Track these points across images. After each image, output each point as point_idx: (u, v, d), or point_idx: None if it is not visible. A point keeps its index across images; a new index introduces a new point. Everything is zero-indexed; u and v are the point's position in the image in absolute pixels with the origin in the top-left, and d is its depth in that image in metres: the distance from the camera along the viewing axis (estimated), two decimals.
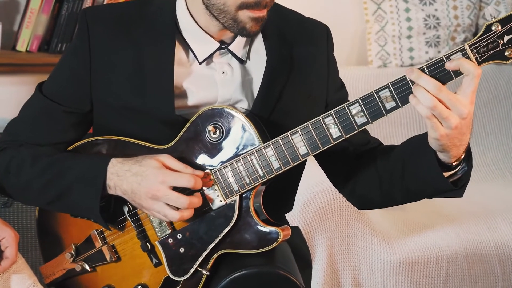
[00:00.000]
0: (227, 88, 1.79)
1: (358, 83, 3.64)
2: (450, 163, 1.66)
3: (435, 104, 1.53)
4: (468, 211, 3.15)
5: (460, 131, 1.57)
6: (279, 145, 1.67)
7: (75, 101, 1.82)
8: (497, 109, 3.75)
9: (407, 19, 3.78)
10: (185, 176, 1.67)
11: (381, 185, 1.81)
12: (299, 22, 1.90)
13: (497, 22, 1.53)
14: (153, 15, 1.80)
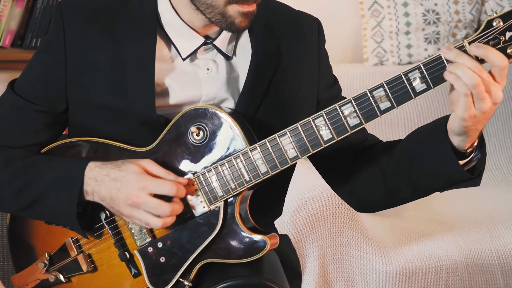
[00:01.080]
0: (211, 85, 1.79)
1: (352, 81, 3.64)
2: (464, 149, 1.65)
3: (479, 82, 1.52)
4: (469, 218, 3.16)
5: (487, 116, 1.57)
6: (266, 148, 1.67)
7: (49, 100, 1.81)
8: (500, 109, 3.76)
9: (405, 14, 3.78)
10: (167, 183, 1.66)
11: (386, 183, 1.79)
12: (289, 16, 1.90)
13: (499, 18, 1.53)
14: (133, 8, 1.80)
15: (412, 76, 1.58)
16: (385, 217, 3.15)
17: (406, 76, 1.59)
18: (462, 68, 1.53)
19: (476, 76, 1.52)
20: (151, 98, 1.75)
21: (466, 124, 1.58)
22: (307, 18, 1.93)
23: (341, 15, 3.87)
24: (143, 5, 1.79)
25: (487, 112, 1.56)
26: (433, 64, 1.57)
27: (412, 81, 1.58)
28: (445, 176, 1.70)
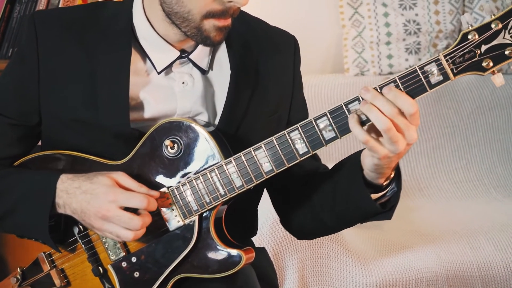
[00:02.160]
0: (187, 99, 1.78)
1: (333, 92, 3.64)
2: (380, 183, 1.68)
3: (390, 127, 1.53)
4: (450, 230, 3.16)
5: (400, 155, 1.59)
6: (241, 161, 1.66)
7: (22, 113, 1.80)
8: (481, 120, 3.78)
9: (386, 25, 3.79)
10: (138, 196, 1.65)
11: (313, 210, 1.82)
12: (265, 32, 1.90)
13: (474, 31, 1.53)
14: (107, 20, 1.79)
15: None
16: (366, 229, 3.14)
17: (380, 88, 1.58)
18: (374, 111, 1.54)
19: (387, 121, 1.53)
20: (125, 111, 1.74)
21: (378, 162, 1.61)
22: (283, 35, 1.93)
23: (322, 25, 3.88)
24: (118, 17, 1.78)
25: (402, 152, 1.58)
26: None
27: None
28: (360, 209, 1.72)
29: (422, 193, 3.58)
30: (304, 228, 1.88)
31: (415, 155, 3.65)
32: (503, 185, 3.68)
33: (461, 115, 3.75)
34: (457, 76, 1.54)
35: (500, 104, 3.80)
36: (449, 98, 3.74)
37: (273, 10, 3.76)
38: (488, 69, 1.53)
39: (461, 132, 3.74)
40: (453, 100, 3.75)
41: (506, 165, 3.74)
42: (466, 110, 3.76)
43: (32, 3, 3.00)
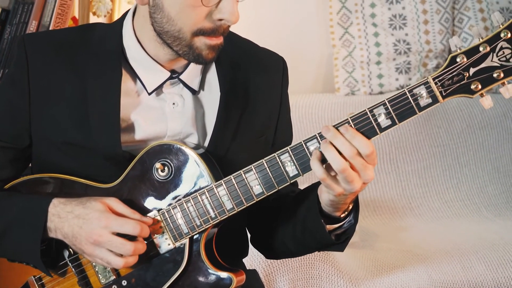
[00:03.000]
0: (177, 120, 1.79)
1: (324, 112, 3.65)
2: (337, 215, 1.71)
3: (345, 168, 1.56)
4: (441, 249, 3.16)
5: (356, 192, 1.61)
6: (232, 184, 1.66)
7: (13, 136, 1.80)
8: (471, 139, 3.78)
9: (376, 44, 3.81)
10: (130, 223, 1.65)
11: (277, 233, 1.84)
12: (254, 53, 1.90)
13: (463, 54, 1.54)
14: (97, 42, 1.79)
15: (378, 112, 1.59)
16: (357, 249, 3.14)
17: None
18: (331, 152, 1.56)
19: (343, 162, 1.55)
20: (116, 133, 1.74)
21: (334, 199, 1.64)
22: (272, 56, 1.94)
23: (313, 45, 3.89)
24: (108, 39, 1.79)
25: (358, 191, 1.60)
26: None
27: (377, 116, 1.58)
28: (316, 239, 1.75)
29: (413, 212, 3.58)
30: (270, 249, 1.91)
31: (406, 174, 3.66)
32: (494, 204, 3.69)
33: (451, 134, 3.76)
34: (446, 98, 1.55)
35: (490, 124, 3.81)
36: (439, 118, 3.75)
37: (264, 30, 3.77)
38: (477, 91, 1.54)
39: (452, 151, 3.74)
40: (443, 119, 3.76)
41: (497, 184, 3.75)
42: (457, 129, 3.77)
43: (23, 25, 3.00)
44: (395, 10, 3.83)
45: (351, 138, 1.56)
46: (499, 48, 1.53)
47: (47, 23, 3.03)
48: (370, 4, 3.81)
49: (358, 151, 1.56)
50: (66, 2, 3.03)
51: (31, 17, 3.00)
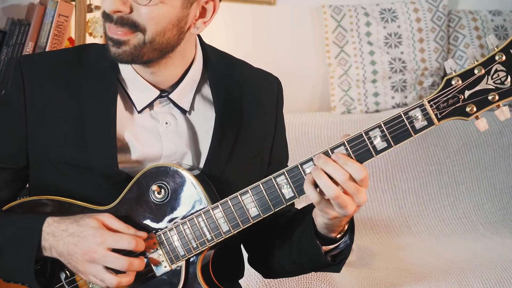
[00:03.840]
0: (171, 140, 1.79)
1: (320, 130, 3.65)
2: (332, 237, 1.71)
3: (338, 194, 1.56)
4: (438, 268, 3.16)
5: (350, 215, 1.62)
6: (228, 206, 1.67)
7: (10, 157, 1.80)
8: (468, 157, 3.79)
9: (371, 63, 3.82)
10: (125, 238, 1.65)
11: (274, 253, 1.85)
12: (249, 74, 1.91)
13: (458, 76, 1.55)
14: (93, 62, 1.80)
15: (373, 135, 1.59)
16: (354, 267, 3.14)
17: None
18: (323, 179, 1.56)
19: (335, 189, 1.56)
20: (113, 152, 1.74)
21: (328, 222, 1.65)
22: (267, 77, 1.94)
23: (308, 63, 3.91)
24: (103, 58, 1.79)
25: (350, 214, 1.61)
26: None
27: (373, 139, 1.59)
28: (312, 260, 1.75)
29: (410, 230, 3.59)
30: (267, 268, 1.91)
31: (402, 192, 3.66)
32: (491, 222, 3.69)
33: (447, 152, 3.77)
34: (441, 121, 1.56)
35: (487, 141, 3.82)
36: (435, 136, 3.76)
37: (259, 49, 3.78)
38: (472, 114, 1.55)
39: (448, 169, 3.75)
40: (439, 137, 3.77)
41: (494, 202, 3.76)
42: (453, 147, 3.78)
43: (19, 46, 3.01)
44: (390, 28, 3.85)
45: (344, 164, 1.56)
46: (493, 71, 1.53)
47: (44, 44, 3.04)
48: (366, 22, 3.83)
49: (350, 175, 1.56)
50: (63, 23, 3.05)
51: (28, 38, 3.02)
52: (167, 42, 1.68)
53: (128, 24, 1.64)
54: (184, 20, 1.68)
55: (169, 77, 1.76)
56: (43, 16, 3.03)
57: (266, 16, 3.79)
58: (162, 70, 1.74)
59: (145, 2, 1.61)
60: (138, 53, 1.67)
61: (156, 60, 1.71)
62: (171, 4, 1.63)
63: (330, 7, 3.81)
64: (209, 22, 1.72)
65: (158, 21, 1.64)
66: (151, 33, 1.65)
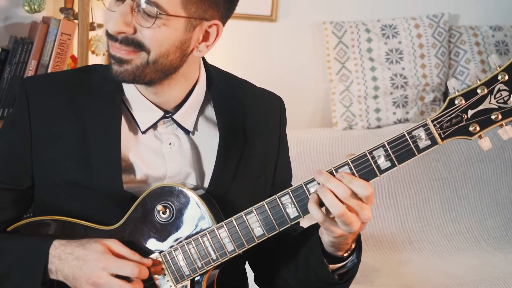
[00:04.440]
0: (175, 161, 1.80)
1: (322, 146, 3.66)
2: (339, 255, 1.72)
3: (343, 212, 1.57)
4: (441, 284, 3.16)
5: (356, 232, 1.62)
6: (233, 226, 1.67)
7: (15, 177, 1.81)
8: (470, 172, 3.79)
9: (373, 79, 3.83)
10: (129, 264, 1.66)
11: (280, 271, 1.85)
12: (252, 93, 1.92)
13: (461, 96, 1.56)
14: (97, 83, 1.81)
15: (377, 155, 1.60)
16: (357, 284, 3.14)
17: (371, 154, 1.60)
18: (328, 196, 1.57)
19: (340, 206, 1.56)
20: (118, 173, 1.75)
21: (334, 240, 1.65)
22: (270, 96, 1.96)
23: (310, 79, 3.92)
24: (107, 79, 1.79)
25: (357, 231, 1.61)
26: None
27: (377, 159, 1.60)
28: (319, 279, 1.75)
29: (412, 246, 3.59)
30: (273, 287, 1.90)
31: (405, 208, 3.67)
32: (493, 237, 3.69)
33: (450, 167, 3.77)
34: (444, 140, 1.57)
35: (489, 156, 3.83)
36: (437, 151, 3.76)
37: (261, 65, 3.80)
38: (475, 133, 1.56)
39: (450, 184, 3.75)
40: (441, 153, 3.77)
41: (496, 217, 3.76)
42: (455, 162, 3.78)
43: (22, 64, 3.02)
44: (391, 44, 3.87)
45: (348, 182, 1.57)
46: (496, 90, 1.54)
47: (46, 62, 3.06)
48: (367, 39, 3.84)
49: (353, 192, 1.57)
50: (65, 42, 3.06)
51: (31, 56, 3.03)
52: (170, 64, 1.69)
53: (133, 44, 1.65)
54: (187, 43, 1.69)
55: (172, 98, 1.77)
56: (46, 34, 3.05)
57: (267, 32, 3.81)
58: (165, 91, 1.75)
59: (148, 25, 1.62)
60: (140, 73, 1.68)
61: (159, 81, 1.72)
62: (174, 27, 1.64)
63: (331, 23, 3.82)
64: (212, 46, 1.73)
65: (162, 43, 1.65)
66: (155, 54, 1.65)
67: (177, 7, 1.63)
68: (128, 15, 1.63)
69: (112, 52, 1.68)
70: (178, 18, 1.63)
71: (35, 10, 2.97)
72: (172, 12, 1.62)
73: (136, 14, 1.62)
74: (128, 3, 1.62)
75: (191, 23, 1.66)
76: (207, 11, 1.67)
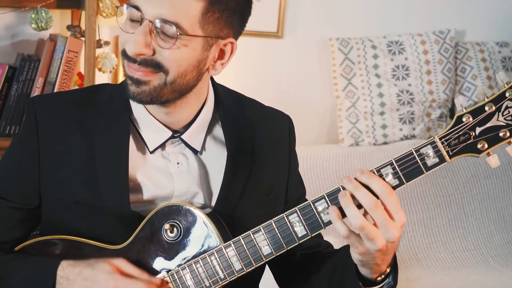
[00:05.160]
0: (183, 180, 1.80)
1: (329, 163, 3.66)
2: (373, 278, 1.69)
3: (364, 225, 1.55)
4: None
5: (384, 252, 1.59)
6: (240, 245, 1.67)
7: (23, 196, 1.81)
8: (477, 189, 3.79)
9: (379, 95, 3.83)
10: (138, 284, 1.66)
11: None
12: (260, 113, 1.92)
13: (468, 113, 1.56)
14: (105, 102, 1.81)
15: (384, 172, 1.60)
16: None
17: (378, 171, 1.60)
18: (350, 208, 1.55)
19: (361, 218, 1.54)
20: (125, 193, 1.75)
21: (361, 258, 1.62)
22: (278, 116, 1.96)
23: (316, 96, 3.92)
24: (115, 99, 1.81)
25: (383, 250, 1.58)
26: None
27: (385, 176, 1.59)
28: None
29: (419, 263, 3.57)
30: None
31: (411, 225, 3.66)
32: (501, 254, 3.68)
33: (456, 184, 3.77)
34: (453, 158, 1.57)
35: (495, 173, 3.82)
36: (444, 167, 3.72)
37: (267, 82, 3.81)
38: (483, 151, 1.56)
39: (457, 201, 3.74)
40: (448, 169, 3.77)
41: (503, 233, 3.75)
42: (462, 179, 3.78)
43: (29, 82, 3.03)
44: (397, 61, 3.87)
45: (368, 180, 1.55)
46: (504, 108, 1.54)
47: (53, 79, 3.06)
48: (373, 55, 3.85)
49: (380, 204, 1.54)
50: (72, 59, 3.07)
51: (38, 74, 3.04)
52: (187, 83, 1.69)
53: (152, 65, 1.65)
54: (204, 62, 1.69)
55: (182, 117, 1.77)
56: (53, 52, 3.06)
57: (273, 49, 3.81)
58: (177, 111, 1.75)
59: (168, 46, 1.62)
60: (158, 93, 1.67)
61: (173, 101, 1.71)
62: (192, 47, 1.64)
63: (337, 39, 3.83)
64: (227, 63, 1.74)
65: (181, 63, 1.64)
66: (173, 74, 1.65)
67: (195, 27, 1.63)
68: (147, 37, 1.62)
69: (129, 73, 1.67)
70: (196, 37, 1.63)
71: (42, 28, 2.98)
72: (191, 32, 1.62)
73: (155, 36, 1.62)
74: (146, 25, 1.62)
75: (208, 42, 1.66)
76: (223, 29, 1.68)
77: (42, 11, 2.97)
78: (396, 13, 3.97)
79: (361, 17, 3.93)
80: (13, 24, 3.20)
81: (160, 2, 1.60)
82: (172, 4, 1.60)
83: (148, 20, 1.61)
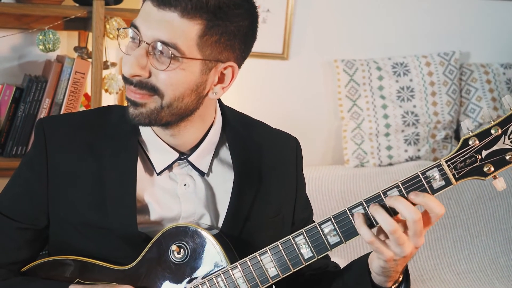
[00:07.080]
0: (190, 202, 1.81)
1: (334, 184, 3.66)
2: (387, 287, 1.70)
3: (395, 229, 1.56)
4: None
5: (407, 258, 1.61)
6: (247, 266, 1.67)
7: (31, 217, 1.81)
8: (482, 210, 3.78)
9: (384, 116, 3.84)
10: None
11: None
12: (267, 135, 1.93)
13: (475, 136, 1.57)
14: (113, 124, 1.82)
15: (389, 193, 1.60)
16: None
17: (384, 193, 1.61)
18: (381, 213, 1.57)
19: (394, 222, 1.56)
20: (133, 215, 1.76)
21: (385, 265, 1.63)
22: (285, 137, 1.97)
23: (321, 117, 3.93)
24: (124, 120, 1.80)
25: (408, 256, 1.60)
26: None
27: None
28: None
29: (425, 285, 3.56)
30: None
31: None
32: (506, 276, 3.67)
33: (461, 205, 3.76)
34: (459, 181, 1.57)
35: (501, 194, 3.81)
36: (449, 189, 3.75)
37: (272, 103, 3.82)
38: (490, 174, 1.56)
39: (462, 222, 3.74)
40: (453, 190, 3.76)
41: (509, 255, 3.73)
42: (467, 200, 3.77)
43: (36, 103, 3.05)
44: (402, 82, 3.88)
45: (423, 200, 1.58)
46: (510, 131, 1.55)
47: (60, 100, 3.08)
48: (378, 76, 3.86)
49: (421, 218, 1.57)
50: (79, 80, 3.09)
51: (45, 95, 3.05)
52: (186, 107, 1.69)
53: (146, 88, 1.65)
54: (203, 86, 1.69)
55: (189, 140, 1.78)
56: (60, 73, 3.07)
57: (279, 70, 3.83)
58: (182, 133, 1.76)
59: (163, 68, 1.62)
60: (155, 116, 1.68)
61: (175, 123, 1.72)
62: (189, 70, 1.65)
63: (342, 61, 3.84)
64: (228, 87, 1.73)
65: (177, 86, 1.65)
66: (169, 97, 1.65)
67: (193, 50, 1.63)
68: (143, 58, 1.63)
69: (127, 95, 1.69)
70: (194, 60, 1.64)
71: (49, 49, 3.00)
72: (188, 54, 1.63)
73: (152, 58, 1.63)
74: (143, 47, 1.63)
75: (206, 65, 1.66)
76: (222, 53, 1.68)
77: (49, 32, 2.99)
78: (401, 35, 3.99)
79: (366, 39, 3.95)
80: (20, 46, 3.22)
81: (157, 24, 1.61)
82: (170, 26, 1.60)
83: (145, 42, 1.62)
